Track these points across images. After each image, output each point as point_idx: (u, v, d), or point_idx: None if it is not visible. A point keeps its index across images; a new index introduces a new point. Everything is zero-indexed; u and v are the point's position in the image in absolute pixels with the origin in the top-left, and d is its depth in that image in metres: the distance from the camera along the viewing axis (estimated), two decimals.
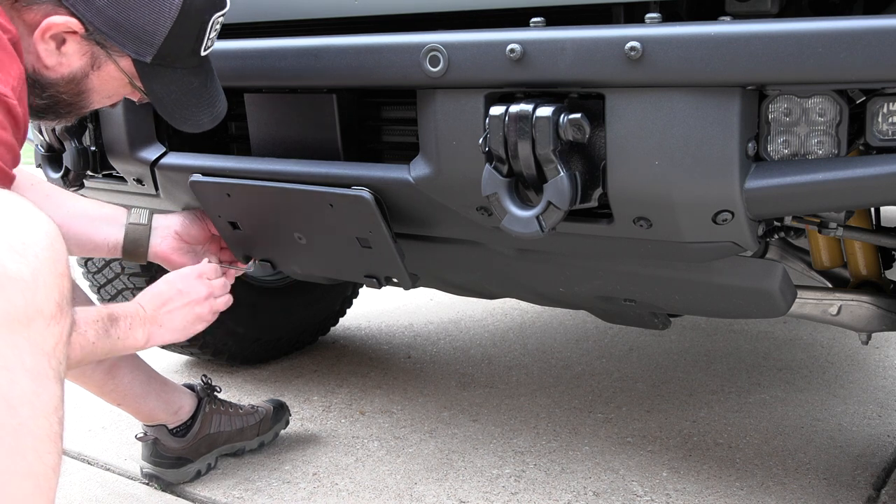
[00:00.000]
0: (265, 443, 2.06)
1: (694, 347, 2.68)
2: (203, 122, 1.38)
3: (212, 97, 1.38)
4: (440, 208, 1.40)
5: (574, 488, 1.84)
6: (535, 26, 1.21)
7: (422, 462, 1.98)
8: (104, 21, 1.22)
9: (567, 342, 2.78)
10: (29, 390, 1.00)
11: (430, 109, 1.30)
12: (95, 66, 1.27)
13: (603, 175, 1.21)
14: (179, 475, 1.90)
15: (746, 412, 2.19)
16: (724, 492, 1.81)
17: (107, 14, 1.22)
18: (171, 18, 1.24)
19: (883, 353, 2.55)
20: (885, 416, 2.14)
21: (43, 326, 1.02)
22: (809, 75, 1.06)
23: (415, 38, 1.25)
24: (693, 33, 1.09)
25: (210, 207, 1.64)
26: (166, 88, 1.32)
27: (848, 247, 1.78)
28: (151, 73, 1.29)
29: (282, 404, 2.13)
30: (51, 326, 1.03)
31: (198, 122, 1.38)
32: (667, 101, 1.13)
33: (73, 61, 1.25)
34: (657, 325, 1.72)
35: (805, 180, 1.13)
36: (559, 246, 1.40)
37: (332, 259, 1.63)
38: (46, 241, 1.04)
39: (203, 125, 1.39)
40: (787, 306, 1.43)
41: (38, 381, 1.01)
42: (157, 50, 1.26)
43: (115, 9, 1.22)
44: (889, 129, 1.10)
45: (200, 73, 1.35)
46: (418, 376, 2.52)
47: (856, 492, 1.79)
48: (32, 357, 1.01)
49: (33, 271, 1.00)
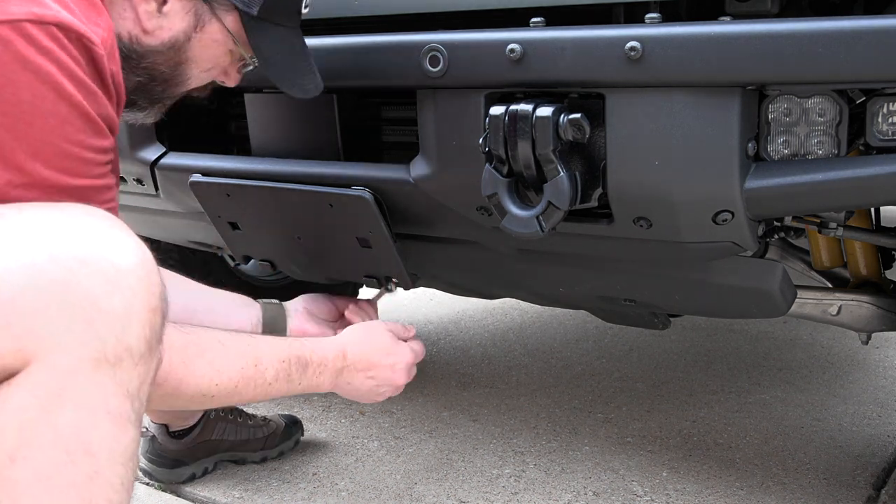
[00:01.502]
0: (268, 458, 1.99)
1: (694, 347, 2.68)
2: (309, 87, 1.27)
3: (311, 63, 1.27)
4: (440, 208, 1.40)
5: (574, 488, 1.84)
6: (535, 26, 1.21)
7: (422, 462, 1.98)
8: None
9: (567, 342, 2.78)
10: (109, 435, 0.93)
11: (430, 109, 1.30)
12: (199, 27, 1.16)
13: (603, 175, 1.21)
14: (171, 475, 1.88)
15: (746, 412, 2.19)
16: (724, 492, 1.80)
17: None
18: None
19: (883, 353, 2.55)
20: (885, 416, 2.14)
21: (131, 366, 0.94)
22: (809, 75, 1.06)
23: (415, 38, 1.25)
24: (693, 33, 1.09)
25: (210, 207, 1.64)
26: (274, 47, 1.21)
27: (848, 247, 1.78)
28: (258, 28, 1.19)
29: (295, 421, 2.06)
30: (138, 366, 0.95)
31: (304, 86, 1.26)
32: (667, 101, 1.13)
33: (175, 22, 1.14)
34: (657, 325, 1.72)
35: (805, 180, 1.13)
36: (559, 246, 1.40)
37: (332, 259, 1.63)
38: (142, 271, 0.95)
39: (309, 91, 1.27)
40: (787, 306, 1.43)
41: (120, 425, 0.94)
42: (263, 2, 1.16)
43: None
44: (889, 129, 1.10)
45: (300, 35, 1.26)
46: (418, 376, 2.51)
47: (856, 492, 1.79)
48: (116, 399, 0.93)
49: (126, 305, 0.92)
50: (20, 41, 0.90)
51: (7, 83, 0.90)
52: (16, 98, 0.91)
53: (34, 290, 0.88)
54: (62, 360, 0.90)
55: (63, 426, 0.90)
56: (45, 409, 0.89)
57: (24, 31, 0.90)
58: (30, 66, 0.91)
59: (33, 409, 0.89)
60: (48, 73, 0.92)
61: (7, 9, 0.90)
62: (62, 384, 0.90)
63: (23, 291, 0.88)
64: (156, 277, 0.97)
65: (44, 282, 0.88)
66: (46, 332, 0.89)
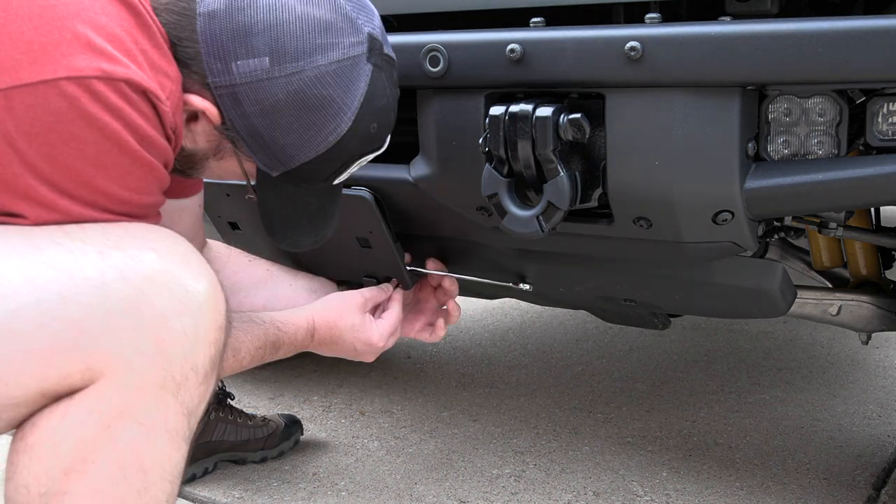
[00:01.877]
0: (268, 458, 2.00)
1: (694, 347, 2.68)
2: (303, 244, 1.25)
3: (325, 219, 1.23)
4: (440, 208, 1.40)
5: (574, 488, 1.84)
6: (535, 26, 1.21)
7: (422, 462, 1.98)
8: (245, 127, 1.06)
9: (567, 342, 2.78)
10: (163, 454, 0.94)
11: (430, 109, 1.30)
12: (218, 156, 1.13)
13: (603, 175, 1.21)
14: None
15: (746, 412, 2.19)
16: (724, 492, 1.80)
17: (252, 122, 1.05)
18: (317, 151, 1.08)
19: (883, 353, 2.55)
20: (885, 416, 2.14)
21: (195, 385, 0.95)
22: (809, 75, 1.06)
23: (415, 38, 1.25)
24: (693, 33, 1.09)
25: (209, 207, 1.64)
26: (281, 203, 1.17)
27: (848, 247, 1.78)
28: (272, 185, 1.14)
29: (295, 421, 2.07)
30: (201, 385, 0.96)
31: (297, 242, 1.24)
32: (667, 101, 1.13)
33: (198, 140, 1.10)
34: (657, 325, 1.72)
35: (805, 180, 1.13)
36: (559, 246, 1.40)
37: (331, 259, 1.63)
38: (210, 290, 0.96)
39: (302, 247, 1.25)
40: (787, 306, 1.43)
41: (174, 443, 0.95)
42: (288, 170, 1.11)
43: (263, 122, 1.05)
44: (889, 129, 1.10)
45: (324, 195, 1.20)
46: (418, 376, 2.52)
47: (856, 492, 1.79)
48: (176, 417, 0.94)
49: (195, 325, 0.93)
50: (86, 98, 0.89)
51: (72, 138, 0.90)
52: (80, 153, 0.91)
53: (104, 309, 0.89)
54: (129, 379, 0.90)
55: (122, 444, 0.91)
56: (107, 426, 0.90)
57: (92, 87, 0.90)
58: (95, 123, 0.91)
59: (94, 425, 0.90)
60: (114, 131, 0.92)
61: (74, 64, 0.89)
62: (126, 402, 0.91)
63: (93, 310, 0.88)
64: (222, 296, 0.98)
65: (114, 301, 0.89)
66: (115, 351, 0.89)
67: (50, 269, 0.89)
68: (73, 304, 0.88)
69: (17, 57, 0.88)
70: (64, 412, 0.90)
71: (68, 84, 0.89)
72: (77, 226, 0.93)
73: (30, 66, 0.88)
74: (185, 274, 0.94)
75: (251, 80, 1.03)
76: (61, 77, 0.88)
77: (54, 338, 0.87)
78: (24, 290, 0.87)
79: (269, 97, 1.04)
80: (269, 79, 1.03)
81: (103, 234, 0.93)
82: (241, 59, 1.03)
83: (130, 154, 0.95)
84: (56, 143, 0.90)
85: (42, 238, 0.91)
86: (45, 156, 0.90)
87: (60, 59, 0.89)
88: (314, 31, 1.04)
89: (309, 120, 1.06)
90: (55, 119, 0.89)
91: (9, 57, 0.88)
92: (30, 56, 0.88)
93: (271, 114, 1.05)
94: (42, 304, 0.87)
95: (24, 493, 0.90)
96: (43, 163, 0.90)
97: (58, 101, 0.89)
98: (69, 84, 0.89)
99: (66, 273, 0.89)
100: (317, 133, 1.07)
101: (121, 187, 0.96)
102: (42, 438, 0.90)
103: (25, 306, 0.87)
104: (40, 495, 0.90)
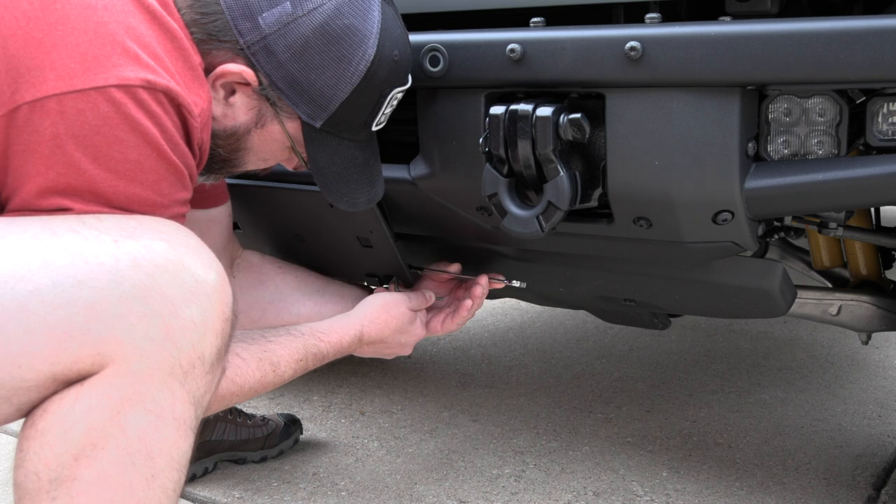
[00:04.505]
0: (268, 458, 2.00)
1: (694, 347, 2.68)
2: (360, 200, 1.27)
3: (373, 175, 1.28)
4: (440, 208, 1.40)
5: (574, 488, 1.84)
6: (535, 26, 1.21)
7: (422, 462, 1.98)
8: (282, 77, 1.13)
9: (567, 342, 2.78)
10: (171, 441, 0.96)
11: (430, 109, 1.30)
12: (259, 124, 1.18)
13: (603, 175, 1.21)
14: None
15: (746, 412, 2.19)
16: (724, 492, 1.81)
17: (287, 70, 1.12)
18: (351, 84, 1.14)
19: (883, 353, 2.55)
20: (885, 416, 2.14)
21: (201, 374, 0.98)
22: (809, 75, 1.06)
23: (415, 38, 1.25)
24: (693, 33, 1.09)
25: None
26: (330, 159, 1.21)
27: (848, 247, 1.78)
28: (318, 139, 1.19)
29: (294, 420, 2.07)
30: (207, 375, 0.99)
31: (354, 199, 1.27)
32: (667, 101, 1.13)
33: (238, 114, 1.16)
34: (657, 325, 1.72)
35: (805, 180, 1.13)
36: (559, 246, 1.40)
37: (332, 259, 1.63)
38: (218, 281, 0.99)
39: (359, 204, 1.28)
40: (787, 306, 1.43)
41: (181, 431, 0.97)
42: (329, 115, 1.16)
43: (297, 65, 1.12)
44: (889, 129, 1.11)
45: (366, 147, 1.25)
46: (418, 376, 2.52)
47: (856, 492, 1.79)
48: (183, 406, 0.97)
49: (203, 314, 0.96)
50: (131, 104, 0.97)
51: (116, 141, 0.97)
52: (122, 156, 0.98)
53: (117, 294, 0.91)
54: (139, 366, 0.93)
55: (131, 430, 0.93)
56: (116, 412, 0.92)
57: (137, 95, 0.97)
58: (139, 128, 0.98)
59: (104, 411, 0.92)
60: (153, 136, 0.99)
61: (122, 74, 0.97)
62: (135, 389, 0.93)
63: (106, 295, 0.91)
64: (229, 288, 1.01)
65: (126, 287, 0.92)
66: (126, 338, 0.92)
67: (66, 254, 0.92)
68: (88, 288, 0.90)
69: (73, 66, 0.95)
70: (75, 397, 0.92)
71: (117, 91, 0.96)
72: (93, 216, 0.97)
73: (83, 74, 0.95)
74: (195, 264, 0.97)
75: (279, 27, 1.11)
76: (111, 84, 0.96)
77: (68, 320, 0.90)
78: (41, 272, 0.90)
79: (297, 38, 1.11)
80: (293, 20, 1.11)
81: (118, 224, 0.96)
82: (265, 11, 1.11)
83: (166, 159, 1.01)
84: (101, 145, 0.97)
85: (60, 226, 0.94)
86: (91, 157, 0.97)
87: (112, 70, 0.96)
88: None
89: (338, 52, 1.13)
90: (102, 122, 0.96)
91: (65, 66, 0.95)
92: (83, 66, 0.96)
93: (303, 54, 1.12)
94: (58, 287, 0.90)
95: (35, 479, 0.92)
96: (88, 163, 0.97)
97: (106, 107, 0.96)
98: (117, 91, 0.96)
99: (82, 258, 0.91)
100: (347, 65, 1.13)
101: (154, 192, 1.02)
102: (53, 424, 0.92)
103: (42, 288, 0.89)
104: (50, 481, 0.91)
